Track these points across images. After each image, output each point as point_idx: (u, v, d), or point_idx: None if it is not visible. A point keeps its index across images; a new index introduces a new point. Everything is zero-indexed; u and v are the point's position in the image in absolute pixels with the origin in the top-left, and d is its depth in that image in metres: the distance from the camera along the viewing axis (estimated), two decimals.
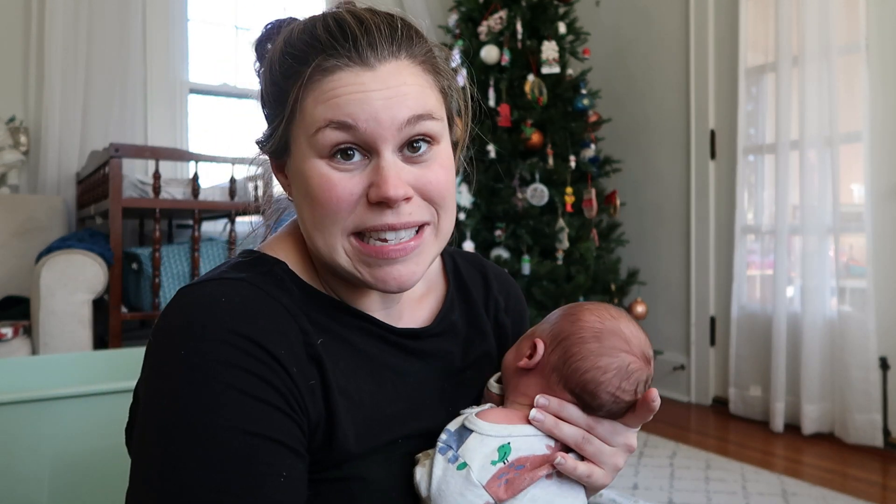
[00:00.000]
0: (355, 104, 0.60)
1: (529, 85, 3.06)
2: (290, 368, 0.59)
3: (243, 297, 0.60)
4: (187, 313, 0.59)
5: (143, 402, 0.60)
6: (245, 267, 0.66)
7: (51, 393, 1.18)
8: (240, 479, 0.54)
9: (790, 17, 2.74)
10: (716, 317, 3.17)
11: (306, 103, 0.62)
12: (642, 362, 0.71)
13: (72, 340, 2.27)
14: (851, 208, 2.68)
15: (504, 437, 0.65)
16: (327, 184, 0.61)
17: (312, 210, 0.63)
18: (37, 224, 2.94)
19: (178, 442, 0.55)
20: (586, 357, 0.68)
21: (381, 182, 0.60)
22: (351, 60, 0.61)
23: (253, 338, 0.58)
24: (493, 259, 2.99)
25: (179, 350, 0.57)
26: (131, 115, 3.42)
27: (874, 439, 2.49)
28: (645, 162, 3.51)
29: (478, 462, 0.63)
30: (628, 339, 0.71)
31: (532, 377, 0.71)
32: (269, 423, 0.57)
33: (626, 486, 2.11)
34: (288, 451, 0.57)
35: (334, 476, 0.62)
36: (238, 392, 0.56)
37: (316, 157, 0.62)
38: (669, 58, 3.38)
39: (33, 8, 3.21)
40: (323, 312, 0.66)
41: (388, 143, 0.61)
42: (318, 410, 0.61)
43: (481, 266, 0.84)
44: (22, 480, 1.15)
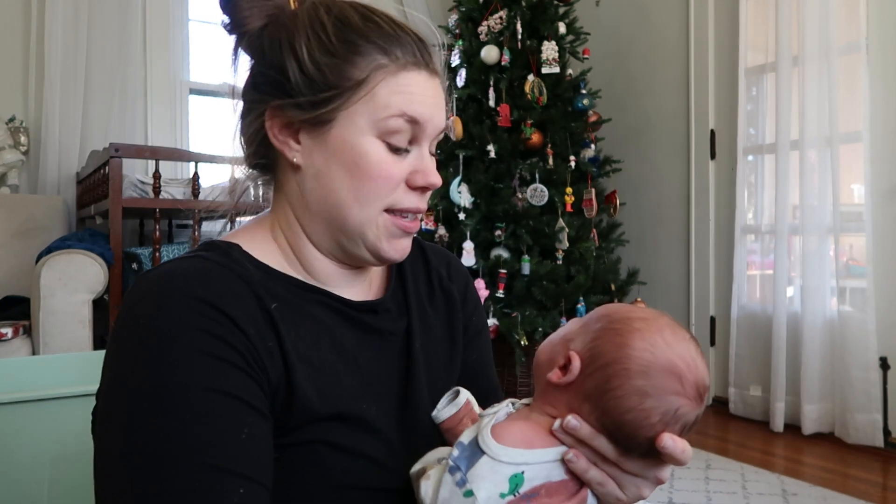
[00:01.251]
0: (427, 106, 0.69)
1: (529, 85, 3.06)
2: (247, 329, 0.61)
3: (197, 269, 0.64)
4: (143, 289, 0.62)
5: (107, 376, 0.61)
6: (200, 249, 0.69)
7: (51, 393, 1.18)
8: (201, 434, 0.55)
9: (790, 17, 2.74)
10: (716, 317, 3.17)
11: (380, 88, 0.67)
12: (694, 403, 0.62)
13: (72, 340, 2.27)
14: (851, 208, 2.68)
15: (518, 464, 0.59)
16: (385, 163, 0.68)
17: (358, 182, 0.68)
18: (37, 224, 2.94)
19: (138, 402, 0.56)
20: (629, 395, 0.60)
21: (428, 171, 0.71)
22: (427, 66, 0.71)
23: (208, 300, 0.60)
24: (493, 259, 2.99)
25: (137, 320, 0.60)
26: (131, 115, 3.42)
27: (874, 439, 2.49)
28: (645, 162, 3.51)
29: (485, 493, 0.58)
30: (682, 375, 0.61)
31: (562, 394, 0.64)
32: (228, 381, 0.58)
33: None
34: (249, 408, 0.58)
35: (300, 440, 0.63)
36: (196, 351, 0.58)
37: (376, 136, 0.68)
38: (669, 58, 3.38)
39: (33, 8, 3.21)
40: (280, 286, 0.69)
41: (431, 142, 0.72)
42: (278, 372, 0.62)
43: (419, 244, 0.87)
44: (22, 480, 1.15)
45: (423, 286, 0.83)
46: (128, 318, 0.61)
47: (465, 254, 3.01)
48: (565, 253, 3.02)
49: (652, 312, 0.66)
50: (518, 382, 3.00)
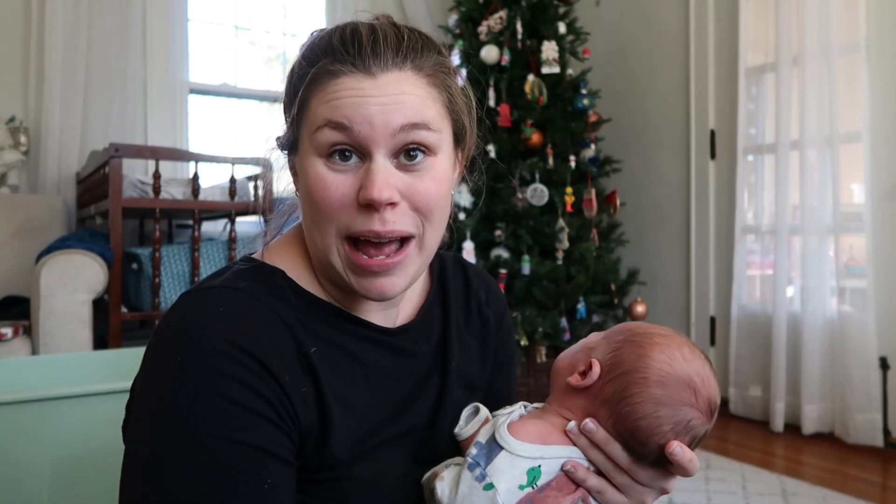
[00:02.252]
0: (352, 107, 0.63)
1: (529, 85, 3.06)
2: (281, 378, 0.61)
3: (240, 307, 0.63)
4: (187, 320, 0.62)
5: (138, 401, 0.62)
6: (245, 275, 0.68)
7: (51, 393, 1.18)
8: (223, 485, 0.56)
9: (790, 17, 2.74)
10: (716, 317, 3.17)
11: (311, 102, 0.65)
12: (705, 417, 0.66)
13: (72, 340, 2.27)
14: (851, 208, 2.68)
15: (535, 458, 0.63)
16: (322, 183, 0.64)
17: (311, 208, 0.66)
18: (37, 224, 2.94)
19: (165, 445, 0.57)
20: (646, 402, 0.63)
21: (369, 184, 0.62)
22: (355, 67, 0.64)
23: (246, 347, 0.60)
24: (493, 259, 2.99)
25: (176, 356, 0.60)
26: (131, 115, 3.41)
27: (874, 439, 2.49)
28: (645, 162, 3.51)
29: (504, 485, 0.61)
30: (697, 389, 0.64)
31: (580, 398, 0.67)
32: (255, 432, 0.58)
33: None
34: (273, 458, 0.59)
35: (326, 478, 0.64)
36: (227, 401, 0.58)
37: (315, 155, 0.65)
38: (669, 58, 3.38)
39: (33, 8, 3.20)
40: (320, 319, 0.68)
41: (380, 148, 0.63)
42: (311, 418, 0.63)
43: (462, 265, 0.87)
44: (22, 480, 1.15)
45: (462, 307, 0.83)
46: (166, 348, 0.61)
47: (465, 254, 3.01)
48: (565, 253, 3.02)
49: (671, 331, 0.68)
50: (518, 383, 3.00)
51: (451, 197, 0.72)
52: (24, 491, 1.15)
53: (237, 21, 3.88)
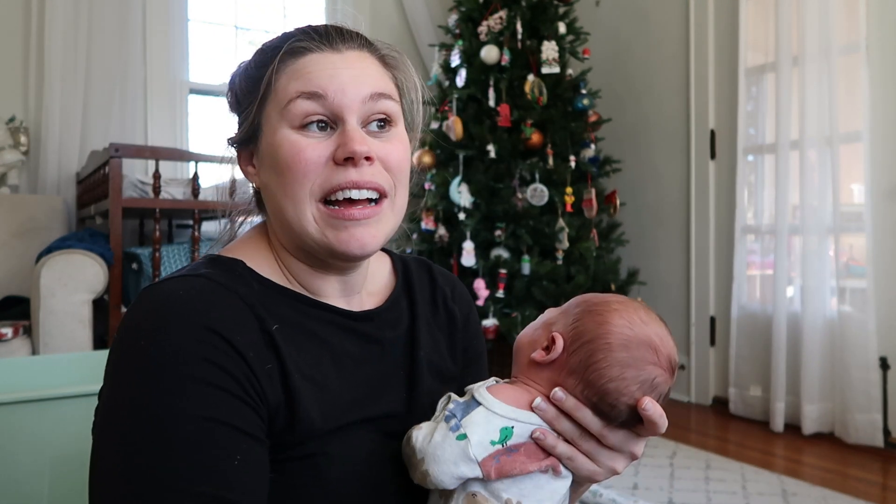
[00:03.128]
0: (325, 78, 0.67)
1: (529, 85, 3.06)
2: (246, 354, 0.62)
3: (200, 290, 0.64)
4: (147, 308, 0.63)
5: (105, 394, 0.63)
6: (203, 266, 0.69)
7: (51, 393, 1.18)
8: (193, 461, 0.57)
9: (790, 17, 2.74)
10: (716, 317, 3.17)
11: (279, 82, 0.69)
12: (668, 374, 0.68)
13: (72, 340, 2.27)
14: (851, 208, 2.68)
15: (510, 419, 0.65)
16: (296, 147, 0.67)
17: (282, 178, 0.68)
18: (37, 224, 2.94)
19: (135, 426, 0.58)
20: (612, 366, 0.65)
21: (348, 140, 0.66)
22: (322, 44, 0.69)
23: (209, 326, 0.61)
24: (493, 259, 3.00)
25: (139, 341, 0.61)
26: (131, 115, 3.42)
27: (874, 439, 2.49)
28: (645, 162, 3.51)
29: (477, 437, 0.63)
30: (658, 348, 0.67)
31: (544, 371, 0.69)
32: (222, 409, 0.59)
33: (626, 486, 2.11)
34: (243, 434, 0.59)
35: (299, 454, 0.65)
36: (193, 379, 0.59)
37: (287, 127, 0.68)
38: (669, 58, 3.38)
39: (33, 8, 3.21)
40: (282, 303, 0.70)
41: (353, 114, 0.68)
42: (277, 393, 0.64)
43: (427, 265, 0.90)
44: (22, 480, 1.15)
45: (428, 302, 0.84)
46: (129, 338, 0.62)
47: (465, 254, 3.01)
48: (565, 253, 3.02)
49: (625, 298, 0.71)
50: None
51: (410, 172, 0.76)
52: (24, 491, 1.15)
53: (237, 21, 3.88)
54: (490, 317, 2.93)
